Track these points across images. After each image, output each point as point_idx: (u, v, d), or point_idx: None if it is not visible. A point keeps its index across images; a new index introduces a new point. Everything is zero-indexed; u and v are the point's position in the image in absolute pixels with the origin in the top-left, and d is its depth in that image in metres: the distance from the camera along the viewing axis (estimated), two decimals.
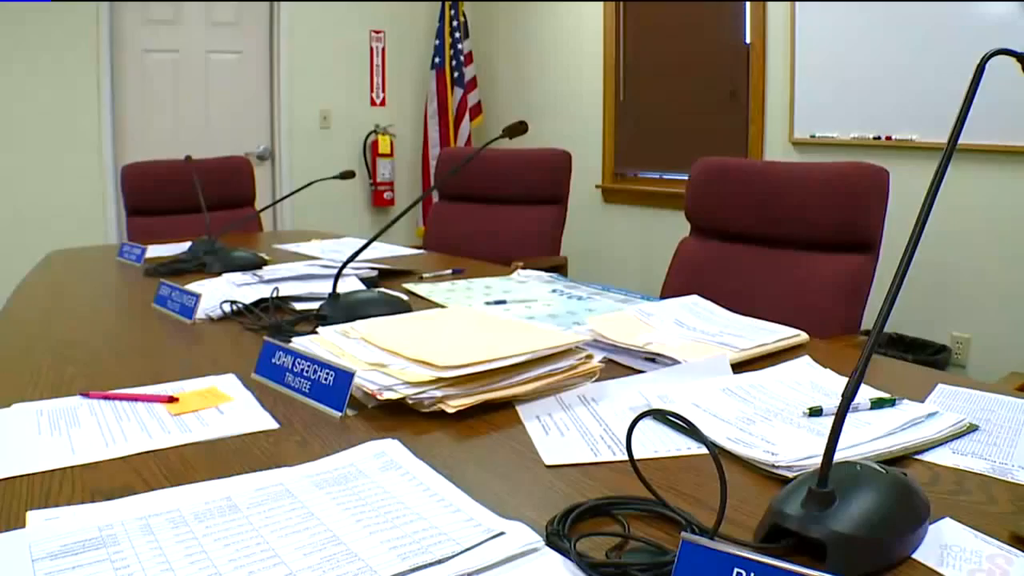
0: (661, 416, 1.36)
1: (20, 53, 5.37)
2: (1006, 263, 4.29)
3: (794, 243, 2.69)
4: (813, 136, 5.04)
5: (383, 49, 6.83)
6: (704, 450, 1.25)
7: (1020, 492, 1.13)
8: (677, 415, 0.98)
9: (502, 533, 0.94)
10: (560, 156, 3.98)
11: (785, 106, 5.18)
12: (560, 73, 6.60)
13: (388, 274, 2.66)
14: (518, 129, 2.21)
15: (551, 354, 1.49)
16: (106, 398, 1.44)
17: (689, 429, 0.98)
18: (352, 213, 6.71)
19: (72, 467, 1.16)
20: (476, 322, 1.76)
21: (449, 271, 2.76)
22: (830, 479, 0.94)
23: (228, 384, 1.53)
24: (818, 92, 4.99)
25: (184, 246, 3.07)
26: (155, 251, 3.06)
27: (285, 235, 4.21)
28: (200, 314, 2.04)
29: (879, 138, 4.71)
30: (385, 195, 6.79)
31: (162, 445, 1.24)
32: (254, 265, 2.67)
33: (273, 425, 1.34)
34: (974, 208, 4.41)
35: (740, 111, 5.46)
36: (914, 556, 0.95)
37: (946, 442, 1.30)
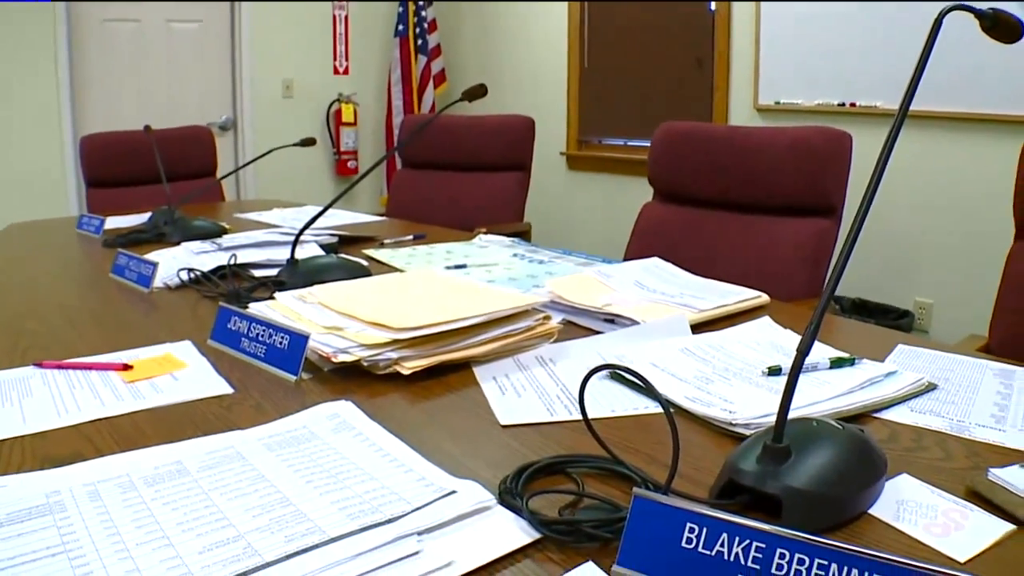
0: (618, 375, 1.36)
1: None
2: (968, 230, 4.31)
3: (757, 207, 2.69)
4: (778, 103, 5.04)
5: (346, 17, 6.77)
6: (661, 409, 1.24)
7: (977, 448, 1.14)
8: (630, 370, 0.97)
9: (453, 492, 0.93)
10: (523, 122, 3.96)
11: (750, 73, 5.17)
12: (524, 40, 6.56)
13: (349, 241, 2.64)
14: (477, 92, 2.19)
15: (508, 315, 1.48)
16: (59, 367, 1.42)
17: (643, 386, 0.97)
18: (316, 183, 6.65)
19: (23, 436, 1.14)
20: (434, 285, 1.74)
21: (410, 237, 2.74)
22: (786, 435, 0.94)
23: (183, 351, 1.52)
24: (783, 59, 4.99)
25: (144, 217, 3.04)
26: (115, 222, 3.02)
27: (247, 204, 4.18)
28: (158, 283, 2.01)
29: (843, 105, 4.71)
30: (349, 164, 6.74)
31: (114, 412, 1.23)
32: (214, 234, 2.64)
33: (228, 390, 1.33)
34: (937, 176, 4.43)
35: (705, 78, 5.44)
36: (870, 511, 0.96)
37: (905, 400, 1.30)
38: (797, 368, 0.91)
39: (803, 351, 0.91)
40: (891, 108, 4.42)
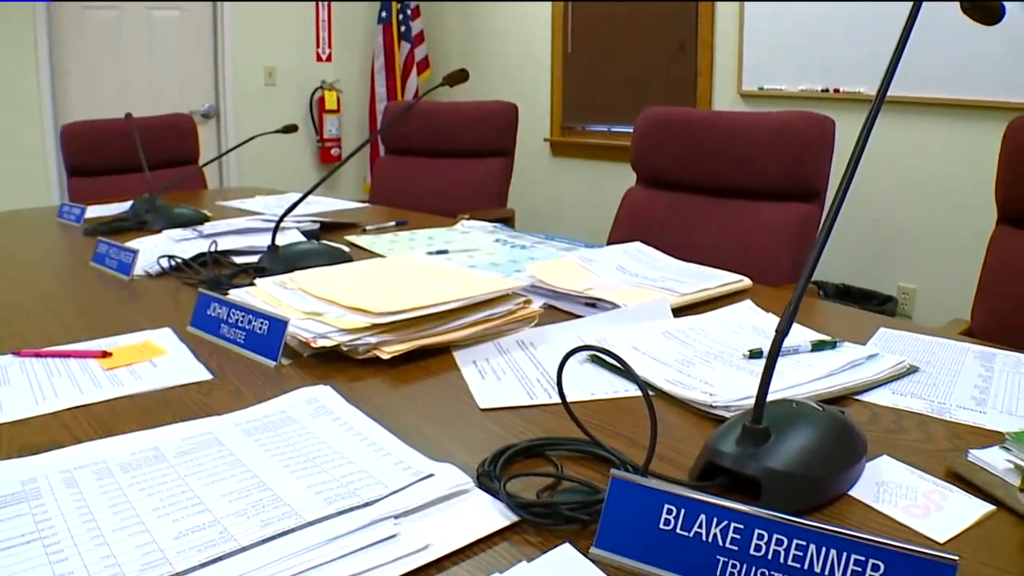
0: (598, 359, 1.35)
1: None
2: (951, 215, 4.32)
3: (739, 192, 2.68)
4: (761, 88, 5.04)
5: (329, 4, 6.73)
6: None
7: (957, 430, 1.14)
8: (608, 352, 0.97)
9: (431, 475, 0.93)
10: (506, 108, 3.94)
11: (734, 58, 5.17)
12: (508, 27, 6.54)
13: (331, 227, 2.63)
14: (458, 77, 2.18)
15: (488, 300, 1.48)
16: (38, 356, 1.41)
17: (621, 367, 0.97)
18: (300, 171, 6.63)
19: (0, 424, 1.13)
20: (414, 270, 1.74)
21: (392, 223, 2.74)
22: (766, 417, 0.94)
23: (163, 338, 1.51)
24: (767, 44, 4.99)
25: (126, 205, 3.02)
26: (96, 211, 3.00)
27: (229, 192, 4.16)
28: (138, 271, 2.00)
29: (827, 90, 4.71)
30: (332, 151, 6.71)
31: (93, 400, 1.22)
32: (196, 221, 2.62)
33: (207, 376, 1.32)
34: (920, 161, 4.44)
35: (689, 64, 5.44)
36: (850, 493, 0.96)
37: (886, 383, 1.30)
38: (776, 349, 0.91)
39: (782, 332, 0.91)
40: (874, 94, 4.39)
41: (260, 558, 0.78)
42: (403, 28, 6.76)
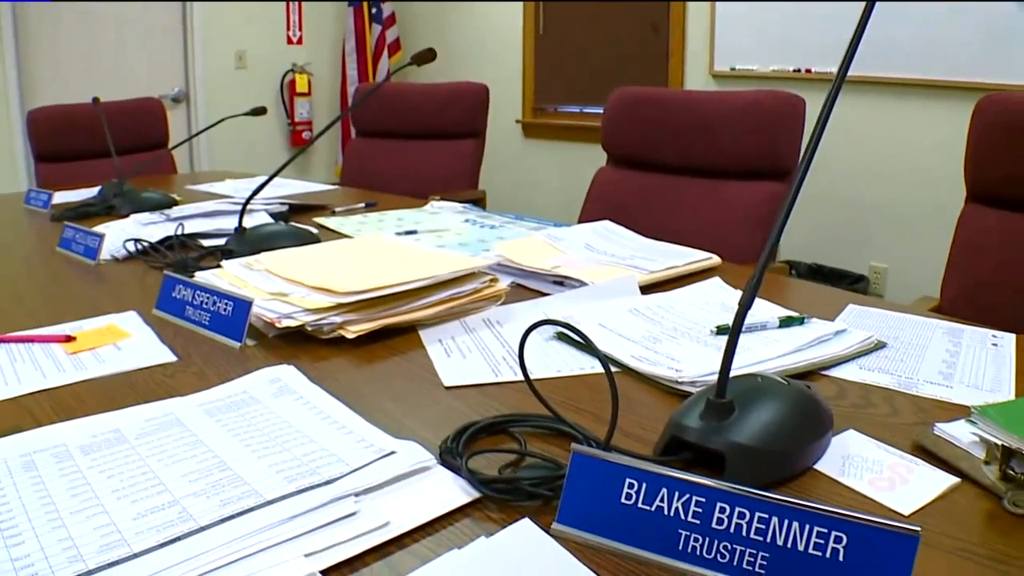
0: (564, 336, 1.35)
1: None
2: (922, 194, 4.35)
3: (710, 171, 2.68)
4: (733, 69, 5.05)
5: None
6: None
7: (924, 404, 1.14)
8: (569, 326, 0.97)
9: (392, 452, 0.93)
10: (477, 89, 3.93)
11: (706, 39, 5.17)
12: (479, 8, 6.52)
13: (300, 209, 2.61)
14: (426, 57, 2.17)
15: (453, 278, 1.48)
16: (1, 341, 1.39)
17: (583, 342, 0.96)
18: (271, 154, 6.58)
19: None
20: (381, 250, 1.73)
21: (362, 205, 2.72)
22: (731, 392, 0.93)
23: (128, 321, 1.50)
24: (739, 25, 4.99)
25: (94, 191, 2.99)
26: (63, 197, 2.97)
27: (199, 176, 4.13)
28: (105, 255, 1.99)
29: (799, 71, 4.72)
30: (304, 135, 6.67)
31: (55, 384, 1.21)
32: (164, 205, 2.60)
33: (171, 358, 1.31)
34: (891, 141, 4.47)
35: (661, 45, 5.44)
36: (816, 467, 0.96)
37: (854, 358, 1.31)
38: (739, 321, 0.90)
39: (745, 305, 0.90)
40: (847, 75, 4.41)
41: (218, 537, 0.77)
42: (374, 10, 6.73)
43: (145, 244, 2.01)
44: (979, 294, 2.05)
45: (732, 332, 0.91)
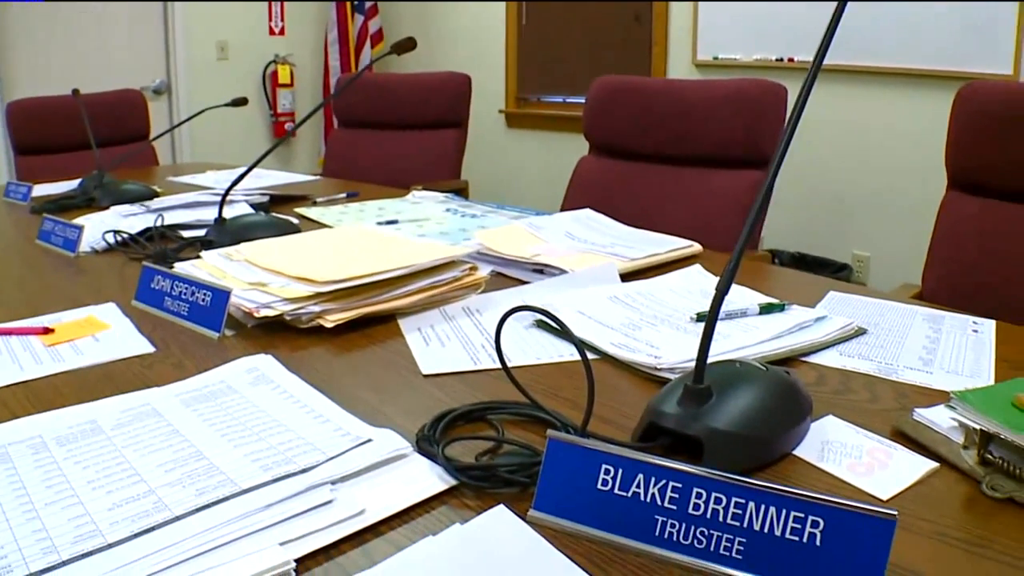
0: (544, 324, 1.35)
1: None
2: (904, 183, 4.36)
3: (692, 160, 2.69)
4: (716, 58, 5.05)
5: None
6: (588, 356, 1.23)
7: (904, 390, 1.15)
8: (545, 311, 0.97)
9: (369, 440, 0.92)
10: (459, 79, 3.94)
11: (689, 28, 5.17)
12: None
13: (282, 200, 2.61)
14: (406, 46, 2.16)
15: (432, 267, 1.47)
16: None
17: (558, 328, 0.96)
18: (254, 146, 6.51)
19: None
20: (361, 239, 1.73)
21: (343, 195, 2.72)
22: (709, 378, 0.93)
23: (107, 313, 1.49)
24: (722, 14, 4.99)
25: (74, 183, 2.98)
26: (43, 189, 2.96)
27: (180, 168, 4.11)
28: (84, 247, 1.98)
29: (781, 60, 4.72)
30: (286, 126, 6.63)
31: (32, 376, 1.20)
32: (144, 197, 2.59)
33: (149, 349, 1.31)
34: (873, 130, 4.48)
35: (644, 34, 5.43)
36: (795, 452, 0.96)
37: (834, 345, 1.31)
38: (716, 306, 0.90)
39: (722, 290, 0.90)
40: (828, 64, 4.37)
41: (193, 527, 0.77)
42: (356, 1, 6.70)
43: (125, 236, 2.01)
44: (960, 281, 2.05)
45: (709, 317, 0.90)
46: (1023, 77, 3.92)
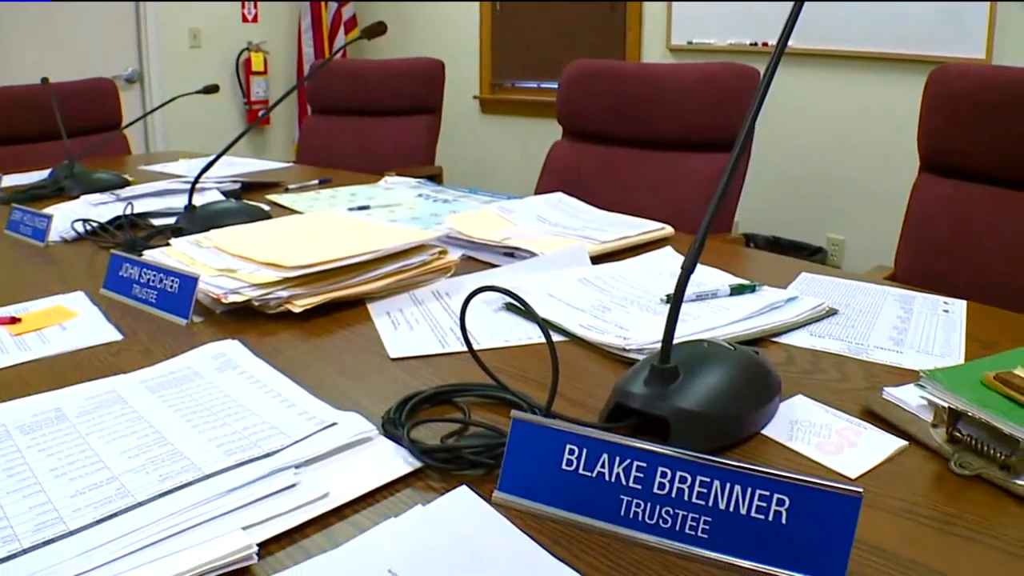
0: (513, 307, 1.34)
1: None
2: (878, 166, 4.38)
3: (665, 143, 2.69)
4: (690, 43, 5.05)
5: None
6: (557, 338, 1.24)
7: (874, 370, 1.15)
8: (508, 291, 0.96)
9: (334, 424, 0.92)
10: (433, 65, 3.93)
11: (663, 13, 5.17)
12: None
13: (254, 187, 2.59)
14: (377, 30, 2.15)
15: (401, 251, 1.47)
16: None
17: (522, 308, 0.96)
18: (228, 134, 6.40)
19: None
20: (331, 225, 1.72)
21: (315, 182, 2.70)
22: (676, 358, 0.93)
23: (75, 301, 1.48)
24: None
25: (45, 174, 2.95)
26: (13, 180, 2.93)
27: (153, 156, 4.09)
28: (54, 236, 1.96)
29: (755, 44, 4.73)
30: (260, 114, 6.59)
31: None
32: (115, 186, 2.57)
33: (117, 337, 1.30)
34: (847, 114, 4.50)
35: (618, 19, 5.43)
36: (763, 432, 0.96)
37: (805, 325, 1.31)
38: (682, 285, 0.90)
39: (687, 268, 0.90)
40: (802, 48, 4.44)
41: (156, 512, 0.76)
42: None
43: (94, 225, 1.99)
44: (932, 262, 2.06)
45: (675, 296, 0.90)
46: (995, 61, 3.94)
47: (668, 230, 1.86)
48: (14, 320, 1.37)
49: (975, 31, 3.99)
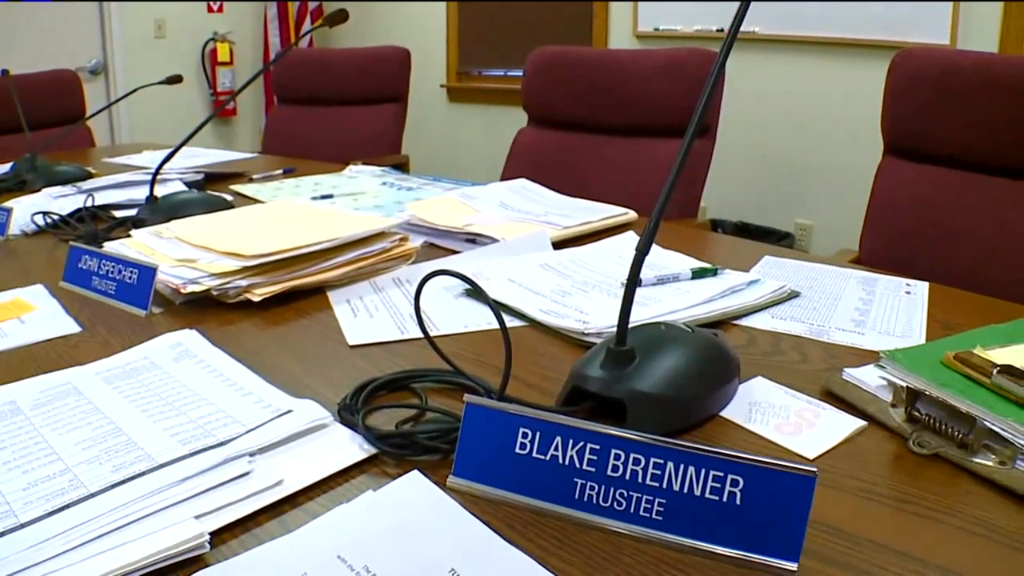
0: (473, 293, 1.34)
1: None
2: (844, 151, 4.40)
3: (630, 129, 2.69)
4: (657, 29, 5.05)
5: None
6: (517, 323, 1.23)
7: (835, 351, 1.16)
8: (461, 275, 0.96)
9: (289, 411, 0.92)
10: (399, 53, 3.91)
11: (629, 0, 5.16)
12: None
13: (217, 177, 2.58)
14: (339, 18, 2.14)
15: (361, 239, 1.47)
16: None
17: (472, 288, 0.96)
18: (193, 125, 6.38)
19: None
20: (292, 213, 1.71)
21: (280, 171, 2.69)
22: (633, 340, 0.93)
23: (34, 295, 1.46)
24: None
25: (6, 167, 2.93)
26: None
27: (117, 148, 4.06)
28: (14, 229, 1.94)
29: (721, 30, 4.73)
30: (224, 101, 6.54)
31: None
32: (78, 178, 2.55)
33: (75, 329, 1.29)
34: (812, 99, 4.52)
35: (585, 6, 5.42)
36: (722, 414, 0.96)
37: (766, 308, 1.31)
38: (637, 266, 0.90)
39: (642, 250, 0.90)
40: (768, 34, 4.47)
41: (108, 502, 0.76)
42: None
43: (55, 217, 1.97)
44: (897, 246, 2.07)
45: (629, 277, 0.90)
46: (960, 46, 3.96)
47: (631, 215, 1.86)
48: None
49: (940, 16, 4.01)
